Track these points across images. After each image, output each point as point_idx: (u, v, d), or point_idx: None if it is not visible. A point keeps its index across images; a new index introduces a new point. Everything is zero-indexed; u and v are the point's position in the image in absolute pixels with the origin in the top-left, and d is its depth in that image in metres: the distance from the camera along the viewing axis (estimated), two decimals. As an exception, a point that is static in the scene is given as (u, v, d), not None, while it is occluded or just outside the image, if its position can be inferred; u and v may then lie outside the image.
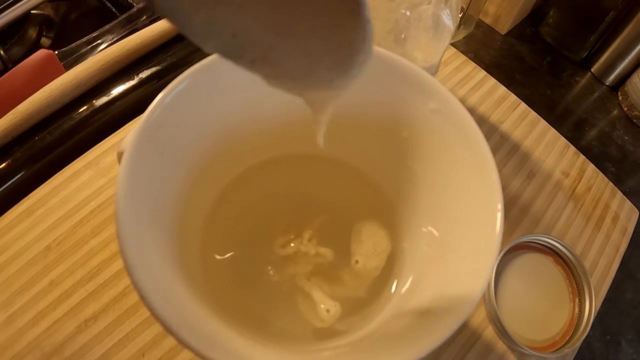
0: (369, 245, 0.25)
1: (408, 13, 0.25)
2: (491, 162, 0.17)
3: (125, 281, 0.28)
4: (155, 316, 0.13)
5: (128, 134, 0.20)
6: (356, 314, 0.23)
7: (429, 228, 0.21)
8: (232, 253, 0.25)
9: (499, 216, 0.16)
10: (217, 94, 0.20)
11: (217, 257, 0.24)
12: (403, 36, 0.26)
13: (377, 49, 0.20)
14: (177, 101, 0.18)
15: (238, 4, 0.12)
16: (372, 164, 0.26)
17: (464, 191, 0.18)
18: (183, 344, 0.14)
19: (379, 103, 0.21)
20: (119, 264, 0.29)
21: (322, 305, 0.23)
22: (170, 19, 0.12)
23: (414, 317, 0.17)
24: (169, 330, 0.13)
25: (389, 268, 0.24)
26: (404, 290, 0.21)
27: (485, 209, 0.16)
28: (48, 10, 0.45)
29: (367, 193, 0.27)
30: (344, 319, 0.23)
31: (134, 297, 0.28)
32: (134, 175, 0.16)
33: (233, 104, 0.21)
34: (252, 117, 0.22)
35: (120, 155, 0.21)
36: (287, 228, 0.26)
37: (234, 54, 0.13)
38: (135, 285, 0.14)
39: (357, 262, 0.25)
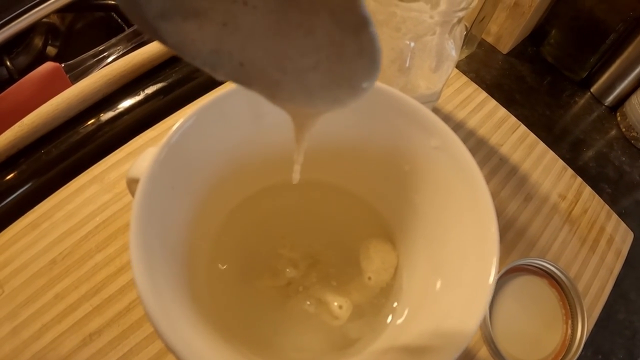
0: (377, 262, 0.25)
1: (412, 44, 0.26)
2: (490, 210, 0.17)
3: (130, 296, 0.29)
4: (172, 352, 0.14)
5: (138, 160, 0.21)
6: (366, 317, 0.24)
7: (426, 260, 0.22)
8: (238, 276, 0.25)
9: (493, 271, 0.16)
10: (223, 127, 0.21)
11: (224, 279, 0.25)
12: (407, 65, 0.26)
13: (383, 86, 0.20)
14: (185, 137, 0.19)
15: (244, 35, 0.12)
16: (373, 193, 0.26)
17: (462, 231, 0.19)
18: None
19: (383, 137, 0.22)
20: (123, 279, 0.29)
21: (335, 303, 0.24)
22: (179, 51, 0.12)
23: (406, 352, 0.18)
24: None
25: (387, 292, 0.25)
26: (399, 321, 0.22)
27: (481, 259, 0.17)
28: (54, 19, 0.46)
29: (369, 219, 0.27)
30: (356, 322, 0.24)
31: (138, 312, 0.28)
32: (147, 211, 0.16)
33: (239, 135, 0.22)
34: (256, 147, 0.23)
35: (129, 181, 0.21)
36: (293, 249, 0.26)
37: (244, 82, 0.13)
38: (151, 322, 0.14)
39: (369, 278, 0.26)
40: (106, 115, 0.35)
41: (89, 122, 0.35)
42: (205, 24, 0.12)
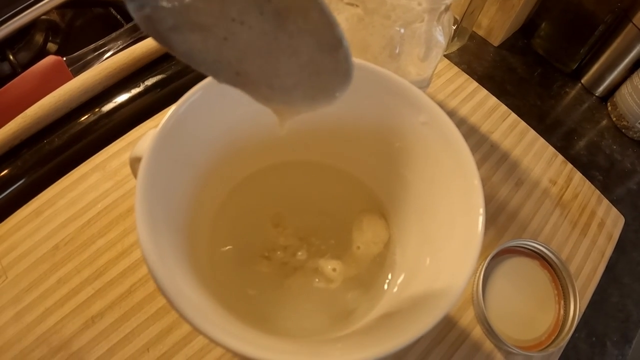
0: (369, 235, 0.26)
1: (402, 30, 0.26)
2: (474, 169, 0.18)
3: (131, 279, 0.29)
4: (173, 306, 0.15)
5: (141, 140, 0.22)
6: (362, 288, 0.25)
7: (418, 232, 0.23)
8: (237, 259, 0.26)
9: (481, 219, 0.17)
10: (225, 105, 0.21)
11: (224, 256, 0.26)
12: (397, 51, 0.27)
13: (373, 66, 0.21)
14: (190, 111, 0.20)
15: (241, 49, 0.14)
16: (366, 171, 0.27)
17: (450, 196, 0.20)
18: (198, 329, 0.15)
19: (374, 116, 0.23)
20: (124, 263, 0.30)
21: (329, 267, 0.25)
22: (187, 59, 0.14)
23: (399, 314, 0.18)
24: (186, 319, 0.15)
25: (381, 265, 0.26)
26: (394, 290, 0.23)
27: (469, 213, 0.18)
28: (54, 16, 0.47)
29: (362, 196, 0.28)
30: (353, 291, 0.25)
31: (139, 294, 0.29)
32: (151, 181, 0.17)
33: (239, 114, 0.23)
34: (256, 126, 0.24)
35: (132, 161, 0.22)
36: (289, 229, 0.27)
37: (240, 87, 0.16)
38: (153, 275, 0.15)
39: (358, 248, 0.27)
40: (107, 107, 0.36)
41: (90, 114, 0.36)
42: (209, 37, 0.14)
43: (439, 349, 0.30)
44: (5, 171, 0.33)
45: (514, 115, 0.41)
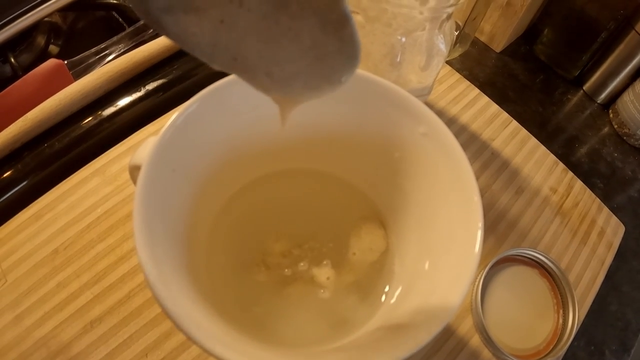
0: (366, 242, 0.27)
1: (403, 39, 0.26)
2: (473, 183, 0.18)
3: (130, 285, 0.30)
4: (169, 316, 0.15)
5: (140, 149, 0.22)
6: (358, 296, 0.25)
7: (416, 243, 0.23)
8: (235, 267, 0.26)
9: (479, 233, 0.17)
10: (223, 115, 0.21)
11: (222, 265, 0.26)
12: (398, 60, 0.27)
13: (374, 77, 0.21)
14: (188, 122, 0.20)
15: (239, 33, 0.13)
16: (365, 181, 0.27)
17: (449, 209, 0.20)
18: (192, 340, 0.15)
19: (374, 126, 0.23)
20: (124, 268, 0.30)
21: (324, 275, 0.25)
22: (180, 42, 0.14)
23: (394, 328, 0.19)
24: (181, 329, 0.15)
25: (379, 274, 0.26)
26: (392, 301, 0.23)
27: (467, 228, 0.18)
28: (56, 19, 0.47)
29: (361, 205, 0.28)
30: (350, 299, 0.25)
31: (138, 300, 0.29)
32: (149, 190, 0.17)
33: (238, 124, 0.23)
34: (256, 134, 0.24)
35: (132, 168, 0.22)
36: (288, 237, 0.27)
37: (237, 73, 0.15)
38: (152, 290, 0.15)
39: (354, 254, 0.27)
40: (107, 111, 0.36)
41: (91, 117, 0.36)
42: (204, 19, 0.13)
43: (437, 358, 0.30)
44: (6, 174, 0.33)
45: (515, 123, 0.41)
